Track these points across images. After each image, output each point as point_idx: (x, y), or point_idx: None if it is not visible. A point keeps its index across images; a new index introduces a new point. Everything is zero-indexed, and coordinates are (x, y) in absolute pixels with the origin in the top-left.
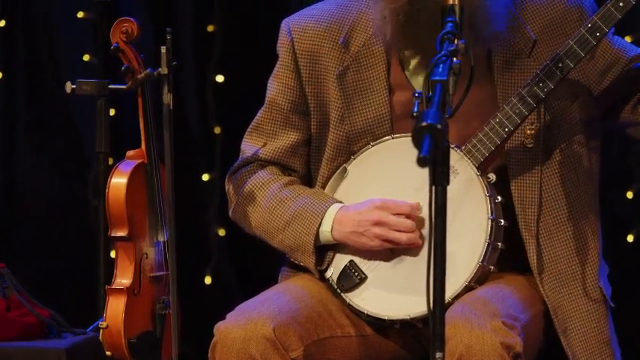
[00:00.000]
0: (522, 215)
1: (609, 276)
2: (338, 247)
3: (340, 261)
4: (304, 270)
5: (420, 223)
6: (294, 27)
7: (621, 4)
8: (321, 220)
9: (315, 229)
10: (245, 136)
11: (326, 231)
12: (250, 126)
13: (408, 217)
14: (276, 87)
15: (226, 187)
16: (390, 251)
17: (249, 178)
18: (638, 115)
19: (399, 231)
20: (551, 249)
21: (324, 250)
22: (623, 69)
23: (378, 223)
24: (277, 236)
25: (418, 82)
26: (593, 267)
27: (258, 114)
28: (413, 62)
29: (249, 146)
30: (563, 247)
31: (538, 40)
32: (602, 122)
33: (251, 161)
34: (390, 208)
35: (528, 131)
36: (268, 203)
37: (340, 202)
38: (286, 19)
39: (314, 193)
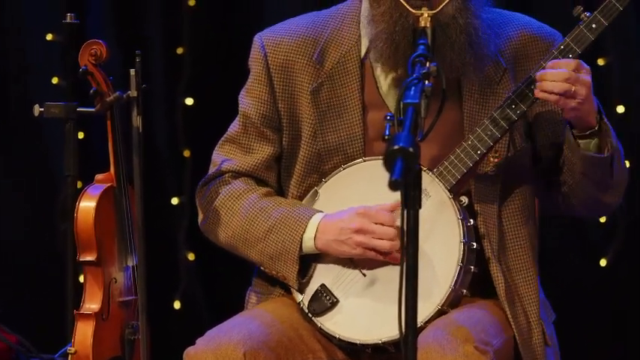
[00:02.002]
0: (487, 240)
1: (581, 299)
2: (318, 258)
3: (312, 284)
4: (278, 286)
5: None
6: (267, 41)
7: (594, 25)
8: (306, 226)
9: (300, 235)
10: (217, 147)
11: (309, 238)
12: (223, 138)
13: (390, 224)
14: (250, 101)
15: (197, 200)
16: (362, 274)
17: (224, 188)
18: (550, 192)
19: (382, 239)
20: (510, 276)
21: (305, 261)
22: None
23: (359, 231)
24: (257, 245)
25: (392, 102)
26: (535, 302)
27: (231, 127)
28: (387, 82)
29: (222, 158)
30: (518, 278)
31: (508, 69)
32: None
33: (224, 172)
34: (372, 215)
35: (492, 159)
36: (247, 212)
37: (322, 211)
38: (259, 33)
39: (295, 203)
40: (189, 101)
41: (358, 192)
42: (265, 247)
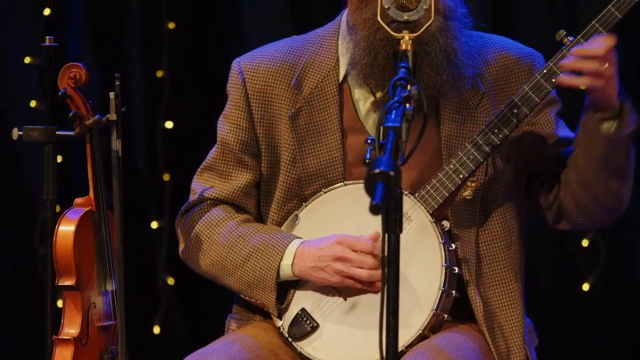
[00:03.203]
0: (465, 265)
1: (564, 324)
2: (297, 285)
3: (292, 309)
4: (258, 312)
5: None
6: (245, 66)
7: None
8: (283, 254)
9: (277, 263)
10: (196, 175)
11: (286, 265)
12: (201, 166)
13: (369, 252)
14: (228, 127)
15: (176, 228)
16: (342, 298)
17: (203, 216)
18: (547, 200)
19: (361, 267)
20: (488, 301)
21: (283, 288)
22: (553, 146)
23: (339, 259)
24: (235, 273)
25: (371, 126)
26: (519, 326)
27: (210, 154)
28: (366, 106)
29: (200, 185)
30: (495, 302)
31: (486, 92)
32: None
33: (203, 200)
34: (352, 243)
35: (470, 184)
36: (226, 240)
37: (300, 237)
38: (237, 59)
39: (273, 230)
40: (168, 125)
41: (339, 216)
42: (243, 274)
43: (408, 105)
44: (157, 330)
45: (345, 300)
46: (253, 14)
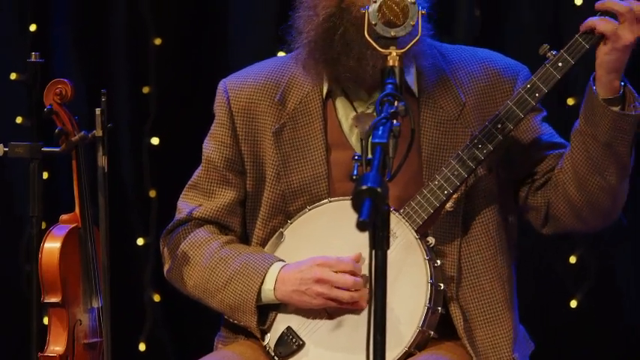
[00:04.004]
0: (446, 280)
1: (551, 340)
2: (279, 308)
3: (278, 327)
4: (244, 332)
5: (362, 282)
6: (230, 86)
7: (560, 64)
8: (264, 277)
9: (257, 287)
10: (182, 194)
11: (269, 290)
12: (187, 185)
13: (350, 274)
14: (213, 145)
15: (161, 247)
16: (328, 316)
17: (187, 236)
18: (535, 200)
19: (342, 289)
20: (470, 317)
21: (266, 311)
22: (538, 151)
23: (319, 281)
24: (217, 295)
25: (356, 142)
26: (507, 337)
27: (195, 173)
28: (350, 121)
29: (185, 205)
30: (480, 315)
31: (467, 104)
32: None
33: (188, 220)
34: (332, 265)
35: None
36: (208, 262)
37: (282, 260)
38: (223, 79)
39: (255, 252)
40: (154, 141)
41: (324, 234)
42: (225, 297)
43: (395, 121)
44: (142, 347)
45: (331, 318)
46: (240, 31)
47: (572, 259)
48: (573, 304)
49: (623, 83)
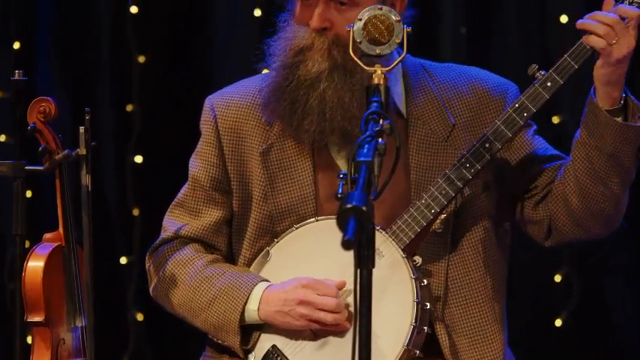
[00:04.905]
0: (433, 300)
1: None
2: (263, 328)
3: (263, 345)
4: (228, 351)
5: (346, 304)
6: (217, 104)
7: (549, 84)
8: (248, 297)
9: (241, 307)
10: (167, 212)
11: (253, 310)
12: (173, 203)
13: (335, 296)
14: (199, 164)
15: (147, 265)
16: (313, 334)
17: (172, 255)
18: (537, 214)
19: (325, 311)
20: (457, 337)
21: (249, 330)
22: (534, 166)
23: (302, 303)
24: (201, 315)
25: (343, 162)
26: (495, 359)
27: (181, 191)
28: (338, 142)
29: (171, 223)
30: (467, 336)
31: (457, 125)
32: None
33: (173, 238)
34: (316, 287)
35: (439, 216)
36: (192, 281)
37: (267, 280)
38: (210, 96)
39: (240, 271)
40: (138, 159)
41: (310, 252)
42: (208, 316)
43: (380, 139)
44: None
45: (316, 336)
46: (225, 48)
47: (557, 278)
48: (558, 322)
49: (624, 94)
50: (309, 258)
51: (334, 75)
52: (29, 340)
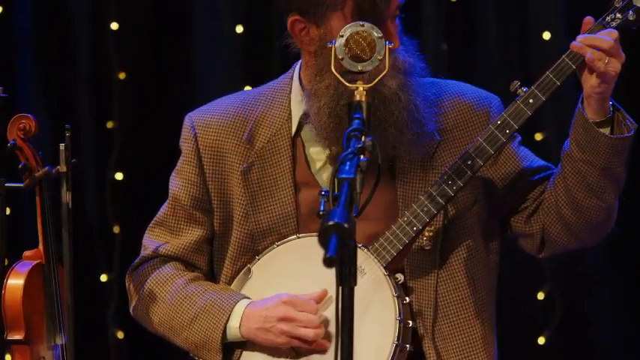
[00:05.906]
0: (420, 318)
1: None
2: (245, 346)
3: None
4: None
5: (327, 320)
6: (197, 122)
7: (531, 100)
8: (229, 315)
9: (223, 324)
10: (147, 231)
11: (234, 327)
12: (153, 221)
13: (314, 312)
14: (179, 182)
15: (127, 284)
16: (295, 352)
17: (152, 273)
18: (530, 227)
19: (306, 327)
20: (446, 355)
21: (231, 348)
22: (523, 179)
23: (284, 319)
24: (182, 333)
25: (324, 180)
26: None
27: (161, 209)
28: (319, 159)
29: (151, 241)
30: (456, 354)
31: (442, 142)
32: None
33: (153, 257)
34: (297, 304)
35: (427, 233)
36: (173, 299)
37: (248, 297)
38: (190, 114)
39: (221, 289)
40: (119, 176)
41: (292, 270)
42: (189, 335)
43: (362, 156)
44: None
45: (298, 354)
46: (205, 65)
47: (540, 296)
48: (541, 340)
49: (611, 103)
50: (291, 275)
51: None
52: (8, 358)
